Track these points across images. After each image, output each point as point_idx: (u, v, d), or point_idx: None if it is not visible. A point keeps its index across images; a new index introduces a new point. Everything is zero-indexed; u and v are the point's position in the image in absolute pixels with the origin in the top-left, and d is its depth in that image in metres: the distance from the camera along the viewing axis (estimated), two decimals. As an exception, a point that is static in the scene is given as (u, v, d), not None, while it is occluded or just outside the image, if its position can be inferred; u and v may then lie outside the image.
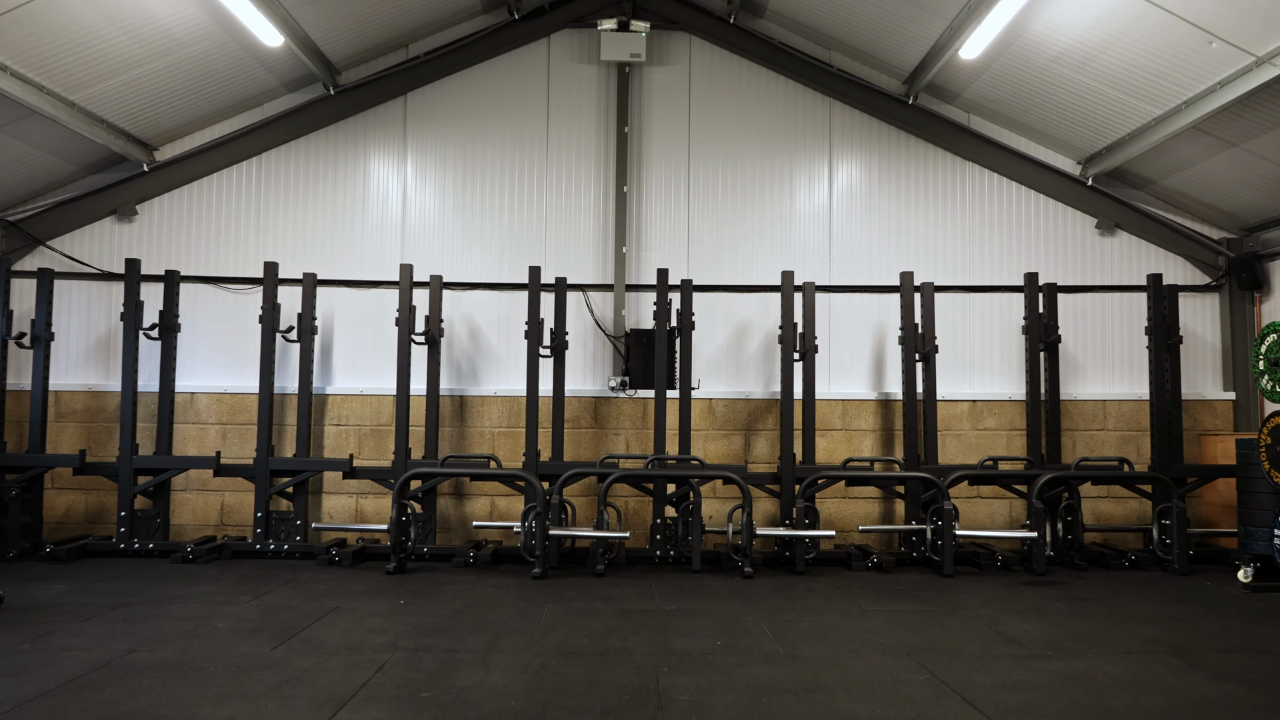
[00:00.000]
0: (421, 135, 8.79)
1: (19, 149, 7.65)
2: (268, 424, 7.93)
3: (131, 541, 7.79)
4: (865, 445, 8.55)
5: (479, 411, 8.53)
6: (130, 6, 6.59)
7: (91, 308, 8.57)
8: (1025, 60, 7.57)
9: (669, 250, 8.75)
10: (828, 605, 6.04)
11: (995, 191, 8.83)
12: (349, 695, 4.02)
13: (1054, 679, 4.37)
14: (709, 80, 8.88)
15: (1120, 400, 8.61)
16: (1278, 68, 6.14)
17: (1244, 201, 8.26)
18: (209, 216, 8.66)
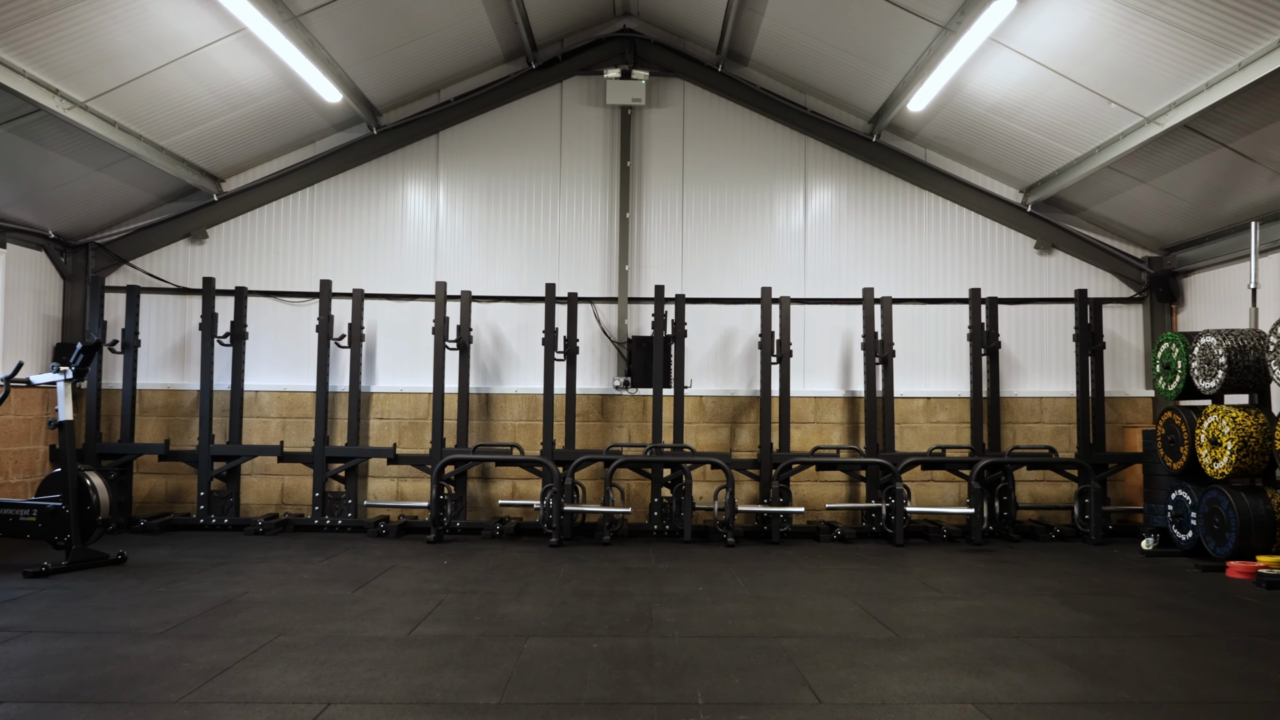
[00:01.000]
0: (452, 168, 10.17)
1: (112, 184, 9.04)
2: (324, 418, 9.35)
3: (209, 517, 9.21)
4: (834, 436, 9.93)
5: (502, 407, 9.93)
6: (218, 72, 7.98)
7: (168, 318, 9.98)
8: (965, 110, 8.93)
9: (665, 268, 10.13)
10: (793, 565, 7.43)
11: (948, 216, 10.19)
12: (420, 618, 5.41)
13: (952, 611, 5.75)
14: (700, 120, 10.25)
15: (1055, 397, 9.98)
16: (1162, 126, 7.49)
17: (1163, 226, 9.59)
18: (269, 238, 10.06)
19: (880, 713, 3.76)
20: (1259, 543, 7.15)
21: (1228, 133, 7.42)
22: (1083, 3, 6.69)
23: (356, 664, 4.41)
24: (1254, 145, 7.44)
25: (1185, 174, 8.29)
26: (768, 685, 4.13)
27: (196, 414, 9.77)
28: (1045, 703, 3.91)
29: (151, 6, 6.81)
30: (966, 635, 5.10)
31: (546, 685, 4.10)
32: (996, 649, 4.80)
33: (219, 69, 7.95)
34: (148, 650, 4.62)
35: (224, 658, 4.49)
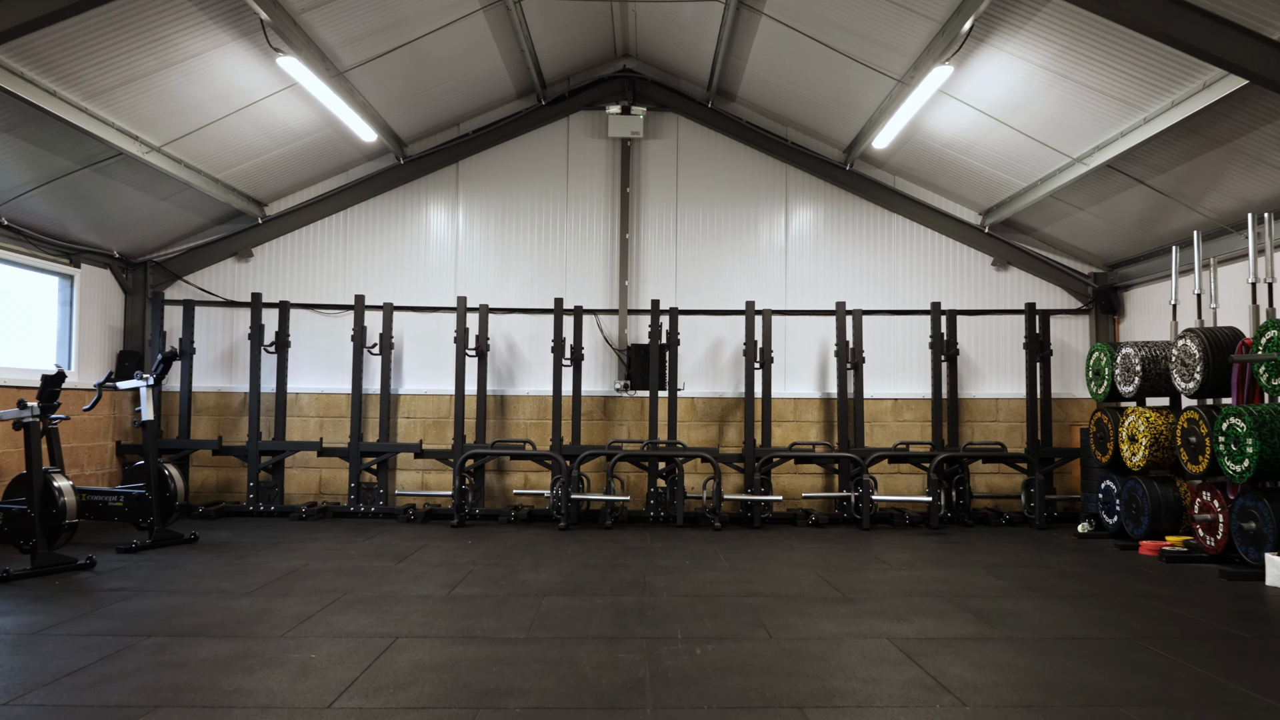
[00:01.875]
0: (470, 193, 11.37)
1: (170, 210, 10.24)
2: (358, 417, 10.57)
3: (258, 505, 10.43)
4: (811, 433, 11.12)
5: (515, 407, 11.14)
6: (271, 117, 9.19)
7: (216, 328, 11.19)
8: (925, 145, 10.11)
9: (661, 282, 11.32)
10: (769, 545, 8.63)
11: (915, 236, 11.37)
12: (456, 582, 6.62)
13: (895, 579, 6.94)
14: (692, 150, 11.44)
15: (1009, 399, 11.16)
16: (1088, 165, 8.66)
17: (1106, 246, 10.76)
18: (307, 256, 11.27)
19: (815, 644, 4.96)
20: (1168, 525, 8.33)
21: (1145, 172, 8.59)
22: (1011, 66, 7.88)
23: (411, 612, 5.63)
24: (1168, 183, 8.62)
25: (1119, 203, 9.46)
26: (732, 627, 5.33)
27: (243, 413, 10.99)
28: (941, 638, 5.11)
29: (222, 69, 8.02)
30: (899, 595, 6.30)
31: (561, 626, 5.30)
32: (919, 604, 5.99)
33: (272, 115, 9.16)
34: (243, 604, 5.84)
35: (305, 609, 5.70)
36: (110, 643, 4.84)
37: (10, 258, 9.04)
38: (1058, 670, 4.48)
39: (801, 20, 8.63)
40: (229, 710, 3.80)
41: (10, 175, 8.17)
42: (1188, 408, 7.96)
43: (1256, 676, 4.40)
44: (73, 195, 8.94)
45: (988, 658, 4.71)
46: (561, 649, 4.81)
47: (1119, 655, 4.78)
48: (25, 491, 6.97)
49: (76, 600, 5.88)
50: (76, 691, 4.03)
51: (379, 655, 4.65)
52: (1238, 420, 7.08)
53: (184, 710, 3.80)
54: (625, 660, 4.61)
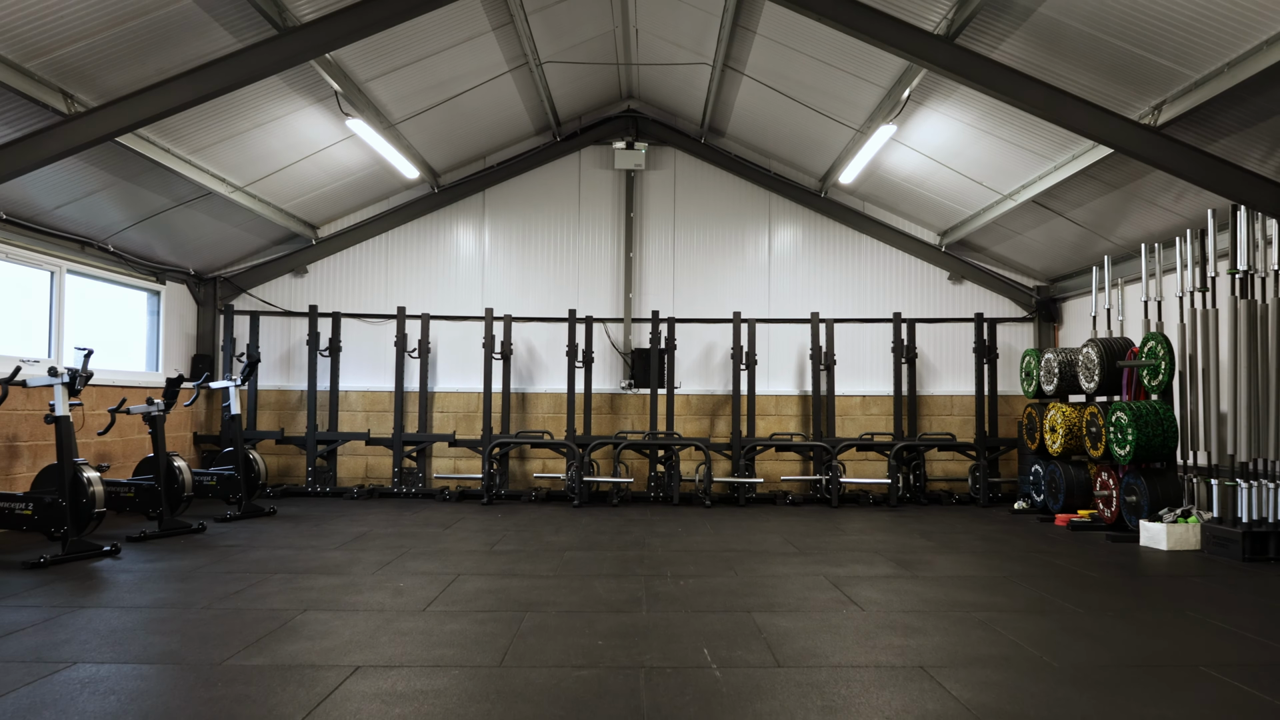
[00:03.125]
0: (495, 217, 13.10)
1: (238, 234, 11.98)
2: (400, 411, 12.33)
3: (315, 486, 12.20)
4: (790, 425, 12.84)
5: (535, 403, 12.88)
6: (331, 160, 10.93)
7: (275, 334, 12.93)
8: (886, 179, 11.81)
9: (660, 294, 13.04)
10: (750, 519, 10.36)
11: (881, 254, 13.06)
12: (494, 542, 8.36)
13: (845, 541, 8.66)
14: (688, 180, 13.15)
15: (962, 395, 12.86)
16: (1016, 201, 10.35)
17: (1047, 263, 12.43)
18: (354, 272, 13.02)
19: (769, 579, 6.68)
20: (1079, 501, 10.04)
21: (1064, 207, 10.28)
22: (946, 123, 9.57)
23: (464, 560, 7.37)
24: (1084, 216, 10.29)
25: (1052, 229, 11.13)
26: (709, 570, 7.06)
27: (300, 408, 12.75)
28: (864, 576, 6.83)
29: (298, 126, 9.77)
30: (843, 550, 8.03)
31: (580, 568, 7.04)
32: (857, 556, 7.72)
33: (332, 158, 10.90)
34: (335, 555, 7.59)
35: (383, 559, 7.45)
36: (249, 577, 6.59)
37: (112, 277, 10.81)
38: (940, 595, 6.21)
39: (776, 80, 10.33)
40: (356, 612, 5.54)
41: (118, 212, 9.92)
42: (1090, 404, 9.66)
43: (1079, 597, 6.12)
44: (163, 226, 10.69)
45: (893, 587, 6.43)
46: (581, 581, 6.55)
47: (992, 586, 6.50)
48: (153, 471, 8.72)
49: (206, 553, 7.64)
50: (245, 601, 5.77)
51: (448, 585, 6.40)
52: (1122, 414, 8.79)
53: (326, 611, 5.54)
54: (628, 587, 6.35)
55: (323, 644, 4.78)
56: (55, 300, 9.87)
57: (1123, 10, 6.71)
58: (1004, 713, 3.78)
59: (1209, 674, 4.36)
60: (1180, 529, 8.13)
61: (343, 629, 5.11)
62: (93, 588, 6.15)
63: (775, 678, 4.25)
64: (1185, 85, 7.23)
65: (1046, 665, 4.49)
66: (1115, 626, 5.31)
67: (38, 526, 7.18)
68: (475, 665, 4.42)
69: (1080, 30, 7.14)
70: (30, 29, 6.70)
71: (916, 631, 5.16)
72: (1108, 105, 7.79)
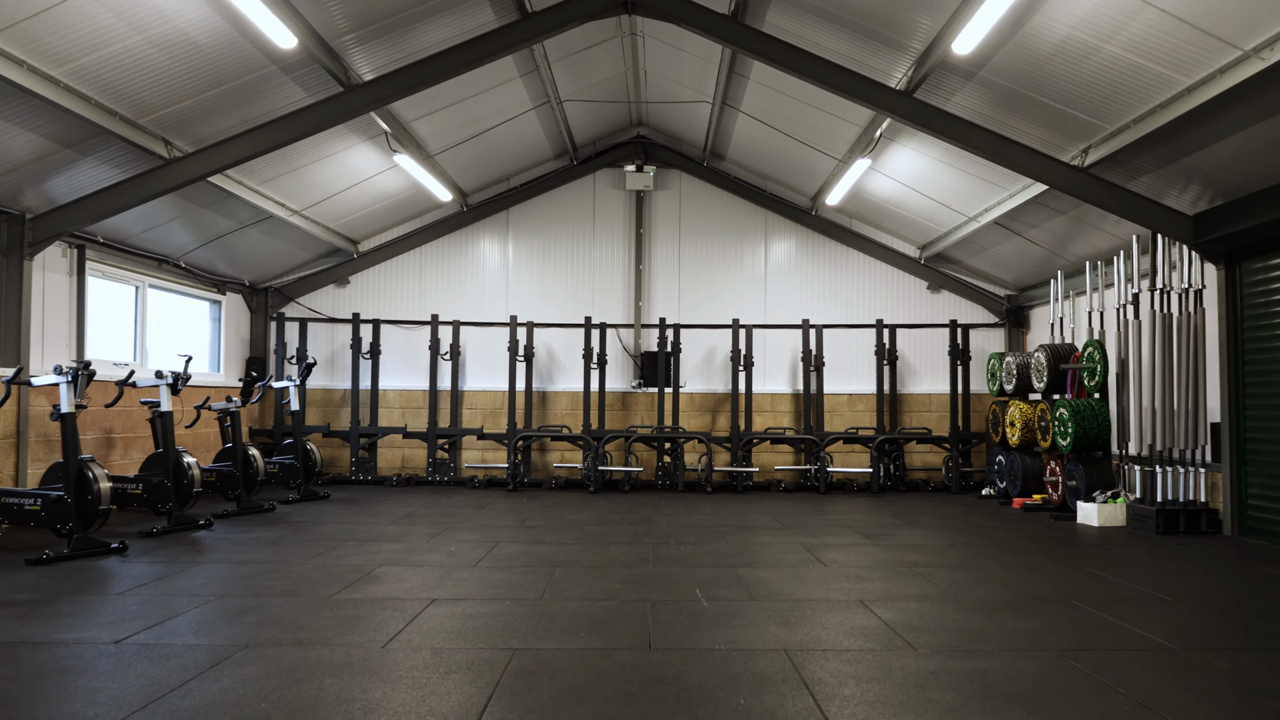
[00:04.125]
0: (518, 233, 14.54)
1: (288, 249, 13.45)
2: (434, 408, 13.79)
3: (358, 475, 13.67)
4: (784, 420, 14.25)
5: (554, 400, 14.32)
6: (375, 185, 12.39)
7: (319, 339, 14.41)
8: (869, 200, 13.19)
9: (667, 302, 14.46)
10: (745, 503, 11.77)
11: (866, 266, 14.44)
12: (523, 520, 9.80)
13: (823, 519, 10.06)
14: (692, 199, 14.56)
15: (939, 394, 14.23)
16: (980, 222, 11.72)
17: (1016, 275, 13.78)
18: (391, 282, 14.48)
19: (754, 545, 8.09)
20: (1034, 486, 11.41)
21: (1023, 228, 11.64)
22: (916, 156, 10.96)
23: (500, 532, 8.81)
24: (1041, 236, 11.65)
25: (1017, 245, 12.48)
26: (705, 539, 8.48)
27: (343, 405, 14.23)
28: (833, 544, 8.23)
29: (351, 158, 11.23)
30: (821, 526, 9.43)
31: (597, 538, 8.47)
32: (831, 531, 9.13)
33: (377, 185, 12.36)
34: (391, 528, 9.04)
35: (432, 531, 8.89)
36: (326, 544, 8.05)
37: (183, 290, 12.29)
38: (891, 557, 7.61)
39: (768, 116, 11.73)
40: (421, 567, 6.98)
41: (189, 235, 11.38)
42: (1041, 401, 11.03)
43: (1004, 558, 7.51)
44: (225, 245, 12.16)
45: (855, 552, 7.84)
46: (599, 547, 7.99)
47: (936, 551, 7.89)
48: (231, 459, 10.19)
49: (282, 527, 9.10)
50: (330, 560, 7.22)
51: (491, 549, 7.84)
52: (1064, 410, 10.17)
53: (397, 566, 6.99)
54: (637, 550, 7.78)
55: (401, 586, 6.23)
56: (140, 311, 11.37)
57: (1046, 76, 8.08)
58: (911, 625, 5.19)
59: (1076, 604, 5.76)
60: (1109, 508, 9.51)
61: (414, 577, 6.55)
62: (202, 551, 7.62)
63: (748, 607, 5.67)
64: (1104, 134, 8.60)
65: (955, 600, 5.90)
66: (1022, 577, 6.71)
67: (147, 504, 8.65)
68: (521, 599, 5.86)
69: (1014, 89, 8.52)
70: (149, 93, 8.18)
71: (863, 580, 6.58)
72: (1043, 149, 9.17)
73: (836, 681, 4.15)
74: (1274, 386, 8.49)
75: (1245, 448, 8.87)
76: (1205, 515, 8.99)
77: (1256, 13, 6.15)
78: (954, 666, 4.39)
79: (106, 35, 7.15)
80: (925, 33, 8.32)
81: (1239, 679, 4.24)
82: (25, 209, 8.94)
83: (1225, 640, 4.94)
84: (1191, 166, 8.34)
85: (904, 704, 3.85)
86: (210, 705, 3.74)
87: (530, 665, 4.36)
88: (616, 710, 3.73)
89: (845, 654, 4.61)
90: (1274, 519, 8.45)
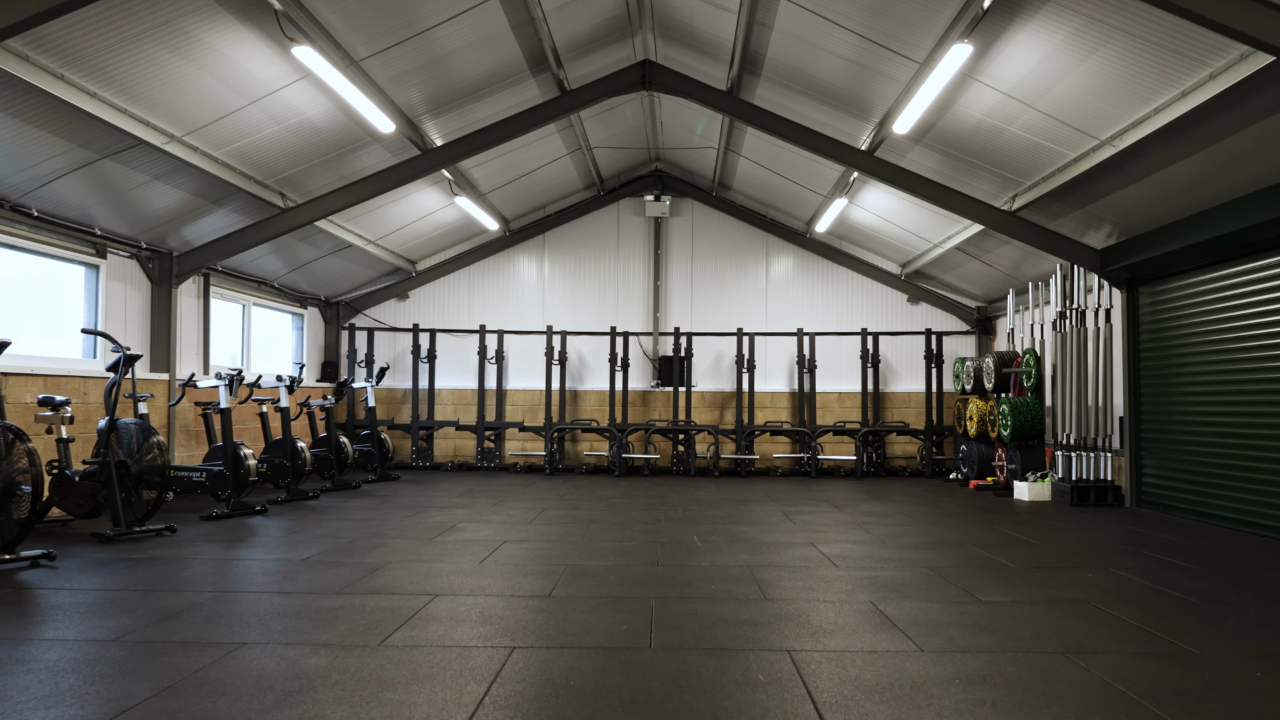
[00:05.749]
0: (553, 253, 16.88)
1: (358, 270, 15.86)
2: (482, 405, 16.17)
3: (418, 462, 16.09)
4: (782, 415, 16.48)
5: (584, 398, 16.65)
6: (436, 217, 14.77)
7: (383, 346, 16.84)
8: (853, 227, 15.39)
9: (680, 313, 16.73)
10: (745, 484, 14.04)
11: (855, 281, 16.64)
12: (562, 495, 12.12)
13: (806, 494, 12.30)
14: (703, 224, 16.83)
15: (917, 392, 16.40)
16: (944, 248, 13.89)
17: (984, 289, 15.91)
18: (444, 297, 16.87)
19: (745, 512, 10.35)
20: (986, 470, 13.58)
21: (980, 252, 13.79)
22: (883, 195, 13.16)
23: (545, 503, 11.14)
24: (995, 259, 13.80)
25: (981, 266, 14.61)
26: (707, 509, 10.76)
27: (404, 402, 16.64)
28: (808, 511, 10.49)
29: (417, 198, 13.62)
30: (802, 500, 11.68)
31: (622, 508, 10.78)
32: (808, 502, 11.37)
33: (438, 218, 14.76)
34: (457, 500, 11.40)
35: (490, 502, 11.23)
36: (411, 509, 10.42)
37: (276, 306, 14.75)
38: (849, 519, 9.85)
39: (765, 160, 13.98)
40: (490, 523, 9.31)
41: (283, 261, 13.80)
42: (990, 399, 13.19)
43: (935, 519, 9.73)
44: (309, 268, 14.60)
45: (823, 516, 10.09)
46: (623, 513, 10.29)
47: (888, 516, 10.12)
48: (327, 446, 12.61)
49: (371, 499, 11.49)
50: (419, 520, 9.57)
51: (540, 513, 10.16)
52: (1005, 406, 12.35)
53: (473, 523, 9.33)
54: (652, 514, 10.08)
55: (478, 534, 8.57)
56: (246, 325, 13.83)
57: (972, 144, 10.26)
58: (840, 555, 7.45)
59: (968, 546, 8.00)
60: (1038, 486, 11.68)
61: (486, 529, 8.90)
62: (321, 514, 10.02)
63: (730, 545, 7.95)
64: (1025, 186, 10.77)
65: (881, 543, 8.15)
66: (940, 531, 8.94)
67: (269, 480, 11.06)
68: (567, 541, 8.18)
69: (952, 152, 10.71)
70: (276, 161, 10.60)
71: (819, 531, 8.84)
72: (982, 196, 11.36)
73: (777, 580, 6.43)
74: (1163, 388, 10.63)
75: (1141, 436, 11.02)
76: (1111, 491, 11.15)
77: (1104, 113, 8.33)
78: (859, 575, 6.66)
79: (256, 127, 9.56)
80: (881, 108, 10.53)
81: (1040, 581, 6.46)
82: (172, 248, 11.39)
83: (1051, 563, 7.16)
84: (1097, 211, 10.49)
85: (816, 589, 6.12)
86: (383, 586, 6.09)
87: (578, 572, 6.68)
88: (635, 590, 6.04)
89: (787, 568, 6.89)
90: (1162, 492, 10.61)
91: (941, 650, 4.62)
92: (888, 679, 4.14)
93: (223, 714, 3.59)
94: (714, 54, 10.92)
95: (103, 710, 3.62)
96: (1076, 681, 4.14)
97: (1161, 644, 4.80)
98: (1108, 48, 7.34)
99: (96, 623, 5.01)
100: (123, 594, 5.75)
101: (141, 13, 7.02)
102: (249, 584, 6.12)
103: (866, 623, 5.19)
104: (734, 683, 4.08)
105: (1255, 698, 3.93)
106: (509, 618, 5.24)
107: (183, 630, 4.87)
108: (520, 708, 3.72)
